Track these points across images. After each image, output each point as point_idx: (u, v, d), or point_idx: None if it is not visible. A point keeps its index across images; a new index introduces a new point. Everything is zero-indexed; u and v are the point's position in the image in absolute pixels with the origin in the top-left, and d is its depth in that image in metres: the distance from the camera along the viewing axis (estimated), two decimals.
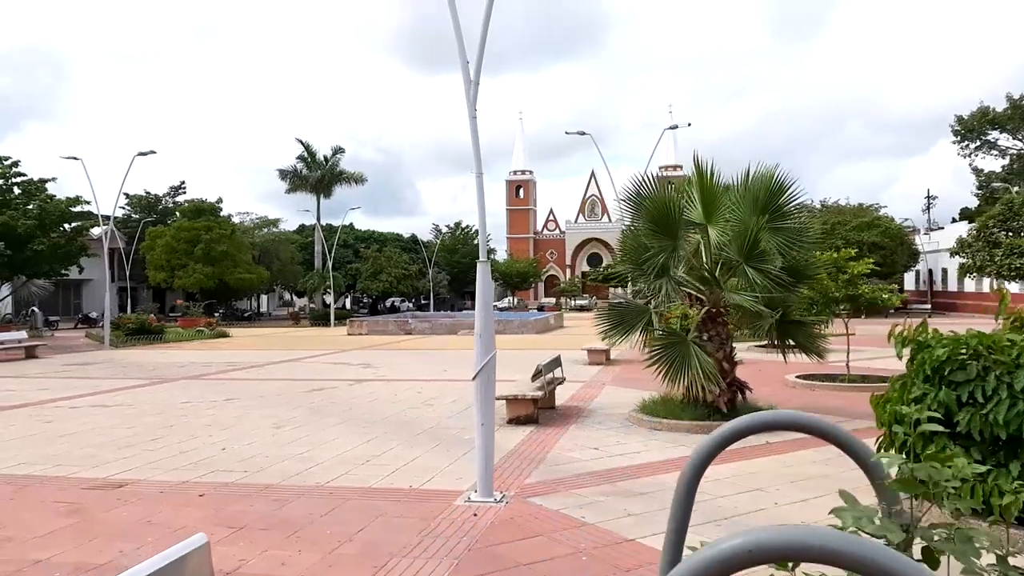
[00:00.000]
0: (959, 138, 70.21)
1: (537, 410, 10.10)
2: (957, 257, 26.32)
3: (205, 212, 50.96)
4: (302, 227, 70.06)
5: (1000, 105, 64.35)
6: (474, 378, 6.49)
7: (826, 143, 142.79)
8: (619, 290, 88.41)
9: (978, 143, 69.44)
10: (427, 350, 25.07)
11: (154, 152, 27.55)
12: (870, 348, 22.45)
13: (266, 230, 59.74)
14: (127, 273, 49.16)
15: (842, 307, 13.84)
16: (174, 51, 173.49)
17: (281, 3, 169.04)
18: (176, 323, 41.72)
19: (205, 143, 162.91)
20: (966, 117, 67.92)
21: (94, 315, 50.38)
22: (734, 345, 10.08)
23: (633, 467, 7.59)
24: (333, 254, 48.25)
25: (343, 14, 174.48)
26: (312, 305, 56.92)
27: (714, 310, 9.86)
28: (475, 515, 5.96)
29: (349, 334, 35.62)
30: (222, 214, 52.63)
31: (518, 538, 5.41)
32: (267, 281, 53.67)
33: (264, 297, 68.06)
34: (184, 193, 62.15)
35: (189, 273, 47.57)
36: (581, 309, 71.98)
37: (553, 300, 79.14)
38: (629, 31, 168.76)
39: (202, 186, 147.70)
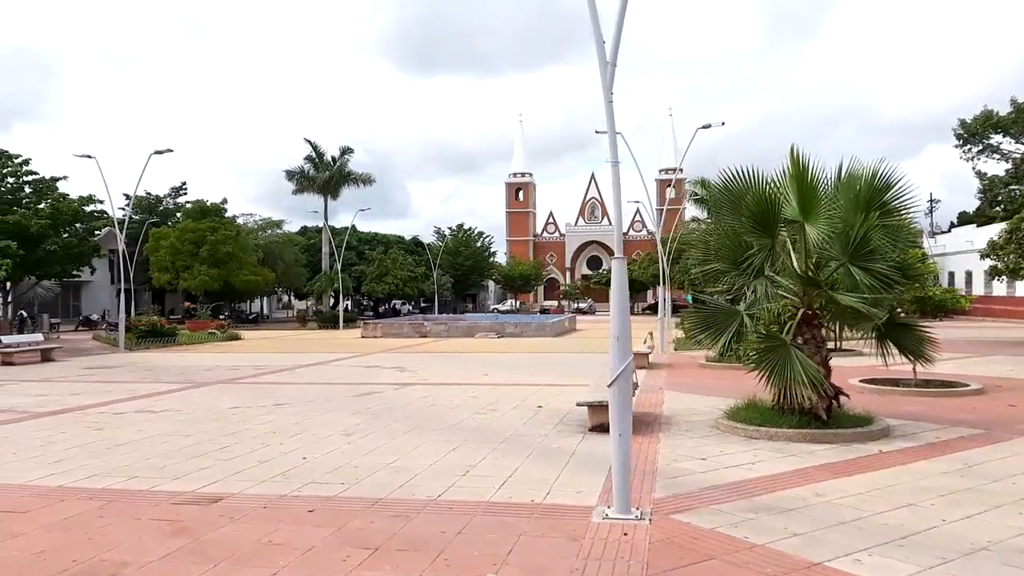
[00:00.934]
0: (962, 142, 70.05)
1: None
2: (987, 260, 25.94)
3: (210, 213, 50.24)
4: (304, 229, 69.40)
5: (1004, 108, 64.23)
6: (610, 385, 5.99)
7: (820, 145, 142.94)
8: None
9: (981, 147, 69.43)
10: (452, 353, 24.53)
11: (171, 151, 26.91)
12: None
13: (270, 231, 59.09)
14: (131, 275, 48.32)
15: (912, 308, 13.43)
16: (164, 52, 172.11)
17: (273, 4, 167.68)
18: (184, 325, 41.01)
19: (197, 144, 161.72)
20: (969, 121, 67.90)
21: (95, 317, 49.60)
22: None
23: (758, 480, 7.08)
24: (341, 256, 47.61)
25: (335, 15, 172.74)
26: (319, 307, 56.21)
27: (809, 312, 9.39)
28: (625, 534, 5.46)
29: (363, 337, 35.05)
30: (227, 215, 51.97)
31: (690, 562, 4.90)
32: (272, 283, 53.03)
33: (265, 300, 67.23)
34: (185, 194, 61.50)
35: (194, 275, 46.86)
36: (580, 312, 71.20)
37: (555, 303, 78.74)
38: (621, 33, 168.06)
39: (197, 187, 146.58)
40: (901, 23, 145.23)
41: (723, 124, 23.73)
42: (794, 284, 9.42)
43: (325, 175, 47.58)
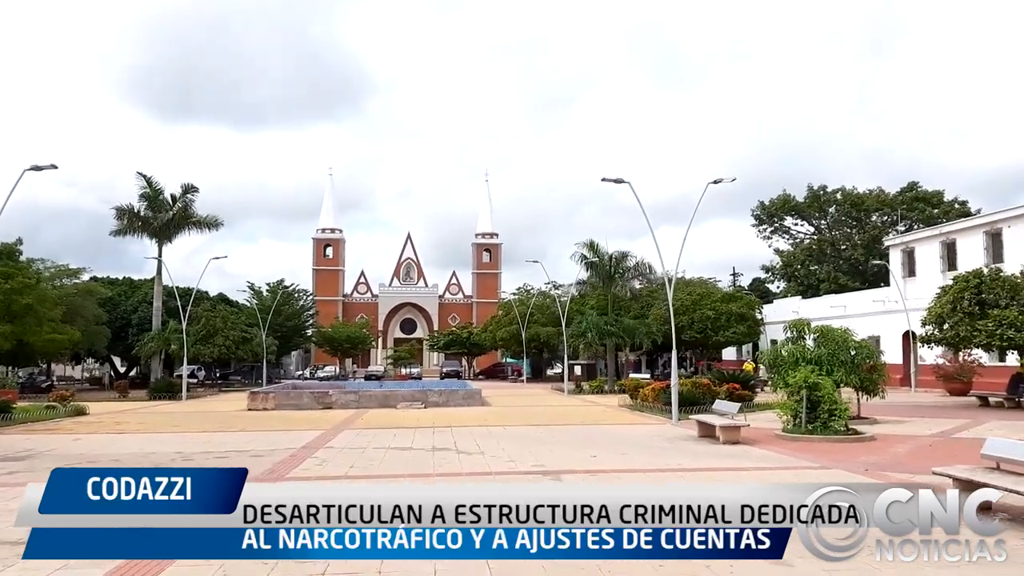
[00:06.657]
0: (758, 222, 77.77)
1: None
2: (929, 328, 27.36)
3: (1, 256, 40.56)
4: (94, 279, 59.03)
5: (801, 194, 72.12)
6: None
7: (575, 221, 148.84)
8: (443, 358, 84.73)
9: (775, 227, 77.35)
10: (427, 428, 20.42)
11: (55, 167, 20.50)
12: (920, 420, 22.02)
13: (64, 281, 49.21)
14: None
15: None
16: None
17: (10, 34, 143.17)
18: None
19: None
20: (767, 203, 75.42)
21: None
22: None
23: None
24: (187, 314, 40.36)
25: (71, 51, 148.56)
26: (147, 371, 47.26)
27: None
28: None
29: (250, 409, 29.13)
30: (21, 259, 42.39)
31: None
32: (77, 343, 43.79)
33: (56, 365, 55.87)
34: None
35: None
36: (413, 377, 67.02)
37: (382, 369, 73.86)
38: (391, 98, 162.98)
39: None
40: (628, 119, 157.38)
41: (733, 180, 22.72)
42: None
43: (167, 215, 40.36)
